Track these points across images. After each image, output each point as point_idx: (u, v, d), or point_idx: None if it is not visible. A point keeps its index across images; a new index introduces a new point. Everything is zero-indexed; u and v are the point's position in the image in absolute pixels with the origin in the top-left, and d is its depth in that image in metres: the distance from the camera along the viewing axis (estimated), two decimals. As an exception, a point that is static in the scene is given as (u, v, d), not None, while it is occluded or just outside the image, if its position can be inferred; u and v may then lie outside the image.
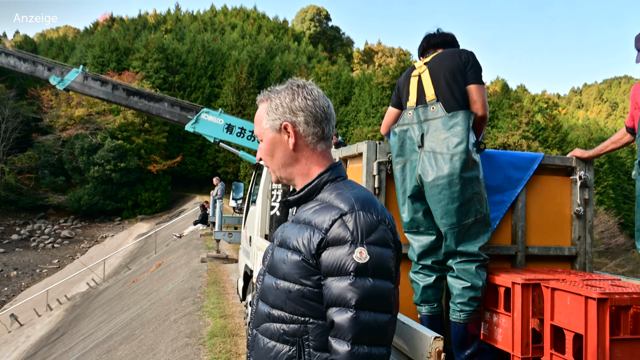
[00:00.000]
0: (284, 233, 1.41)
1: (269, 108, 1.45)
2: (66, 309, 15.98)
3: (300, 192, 1.43)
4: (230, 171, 35.63)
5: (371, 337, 1.22)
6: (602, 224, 27.28)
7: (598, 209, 29.71)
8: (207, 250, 13.26)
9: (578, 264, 2.98)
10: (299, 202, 1.44)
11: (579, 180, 2.97)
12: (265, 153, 1.47)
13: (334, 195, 1.35)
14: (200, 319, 6.77)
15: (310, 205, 1.38)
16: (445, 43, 2.81)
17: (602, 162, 39.97)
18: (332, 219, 1.27)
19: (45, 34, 57.97)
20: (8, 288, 21.79)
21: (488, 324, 2.59)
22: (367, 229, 1.26)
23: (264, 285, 1.39)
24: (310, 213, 1.35)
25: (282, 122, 1.42)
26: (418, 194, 2.61)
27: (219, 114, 14.85)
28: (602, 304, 1.99)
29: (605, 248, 26.68)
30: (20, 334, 15.28)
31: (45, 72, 15.73)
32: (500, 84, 52.58)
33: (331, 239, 1.26)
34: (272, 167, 1.47)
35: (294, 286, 1.28)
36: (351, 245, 1.24)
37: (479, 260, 2.50)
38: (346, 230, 1.25)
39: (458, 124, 2.48)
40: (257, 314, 1.40)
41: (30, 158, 32.46)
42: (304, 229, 1.32)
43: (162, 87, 36.51)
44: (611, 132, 49.20)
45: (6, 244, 27.56)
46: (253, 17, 59.05)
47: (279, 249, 1.38)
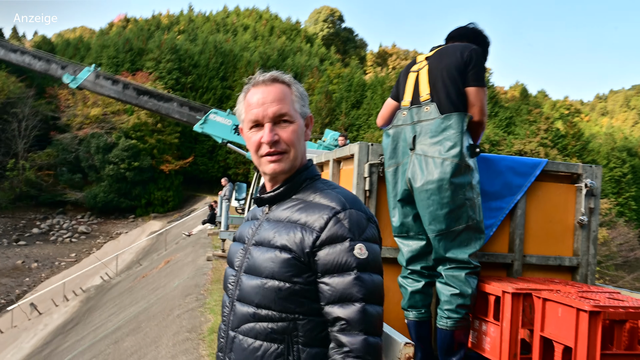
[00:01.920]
0: (261, 232, 1.36)
1: (297, 94, 1.39)
2: (81, 300, 16.32)
3: (278, 189, 1.37)
4: (241, 172, 35.55)
5: (376, 328, 1.25)
6: (621, 236, 25.60)
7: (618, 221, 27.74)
8: (214, 249, 13.36)
9: (579, 275, 2.82)
10: (274, 200, 1.39)
11: (585, 188, 2.79)
12: (297, 137, 1.36)
13: (319, 195, 1.33)
14: (202, 315, 6.88)
15: (290, 203, 1.35)
16: (462, 37, 2.59)
17: (625, 173, 37.87)
18: (326, 218, 1.26)
19: (63, 35, 58.61)
20: (29, 279, 22.51)
21: (477, 332, 2.49)
22: (361, 226, 1.28)
23: (243, 286, 1.33)
24: (294, 212, 1.31)
25: (308, 113, 1.42)
26: (408, 198, 2.47)
27: (227, 115, 14.91)
28: (594, 317, 1.89)
29: (623, 261, 25.39)
30: (39, 321, 15.75)
31: (59, 71, 15.96)
32: (520, 88, 50.52)
33: (327, 238, 1.24)
34: (297, 153, 1.36)
35: (284, 284, 1.26)
36: (350, 242, 1.24)
37: (469, 267, 2.38)
38: (343, 228, 1.25)
39: (451, 126, 2.33)
40: (235, 316, 1.34)
41: (49, 155, 32.96)
42: (292, 228, 1.29)
43: (175, 88, 36.61)
44: (637, 141, 46.52)
45: (27, 237, 28.50)
46: (265, 18, 58.71)
47: (259, 249, 1.33)
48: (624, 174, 37.61)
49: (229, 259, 1.49)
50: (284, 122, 1.33)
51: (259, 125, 1.34)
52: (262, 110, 1.33)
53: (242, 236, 1.45)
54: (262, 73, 1.39)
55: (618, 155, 39.00)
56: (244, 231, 1.46)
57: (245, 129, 1.40)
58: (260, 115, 1.33)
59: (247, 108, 1.37)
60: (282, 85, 1.36)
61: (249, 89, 1.39)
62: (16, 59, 17.47)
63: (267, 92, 1.34)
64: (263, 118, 1.33)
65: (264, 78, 1.37)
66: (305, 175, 1.39)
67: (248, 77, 1.42)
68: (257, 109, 1.33)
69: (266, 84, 1.36)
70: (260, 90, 1.35)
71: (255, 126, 1.35)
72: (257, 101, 1.34)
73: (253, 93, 1.37)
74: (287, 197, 1.37)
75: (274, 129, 1.32)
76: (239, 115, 1.42)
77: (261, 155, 1.35)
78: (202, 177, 37.57)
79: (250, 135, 1.37)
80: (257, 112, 1.33)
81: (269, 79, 1.36)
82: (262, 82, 1.36)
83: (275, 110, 1.32)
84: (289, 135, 1.33)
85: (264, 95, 1.34)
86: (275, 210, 1.38)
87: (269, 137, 1.31)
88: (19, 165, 32.04)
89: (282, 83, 1.37)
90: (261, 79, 1.37)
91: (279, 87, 1.36)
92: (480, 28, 2.64)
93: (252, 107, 1.35)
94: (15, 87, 33.58)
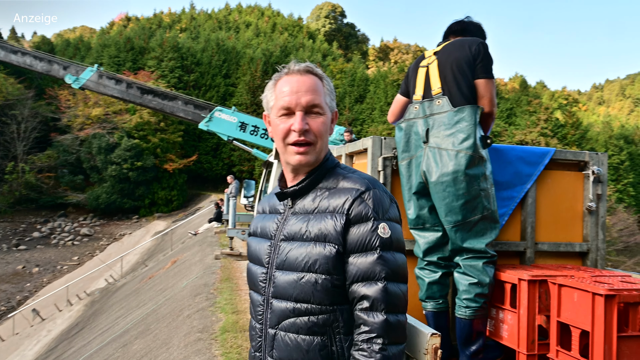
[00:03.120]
0: (289, 226, 1.38)
1: (328, 88, 1.43)
2: (85, 304, 16.28)
3: (302, 182, 1.40)
4: (246, 169, 35.80)
5: (398, 306, 1.29)
6: (621, 222, 27.11)
7: (618, 207, 29.38)
8: (221, 247, 13.32)
9: (590, 260, 2.92)
10: (298, 193, 1.41)
11: (592, 175, 2.90)
12: (326, 129, 1.40)
13: (342, 180, 1.37)
14: (213, 315, 6.82)
15: (315, 194, 1.38)
16: (465, 31, 2.69)
17: (623, 160, 39.61)
18: (351, 199, 1.30)
19: (62, 34, 58.90)
20: (30, 284, 22.29)
21: (494, 321, 2.57)
22: (384, 205, 1.32)
23: (279, 282, 1.35)
24: (321, 201, 1.35)
25: (335, 108, 1.45)
26: (423, 190, 2.56)
27: (233, 112, 14.92)
28: (609, 300, 1.96)
29: (624, 246, 26.50)
30: (42, 328, 15.67)
31: (61, 71, 16.00)
32: (519, 80, 52.17)
33: (353, 217, 1.29)
34: (319, 146, 1.39)
35: (321, 277, 1.28)
36: (374, 222, 1.28)
37: (486, 256, 2.47)
38: (367, 207, 1.29)
39: (464, 119, 2.41)
40: (273, 313, 1.36)
41: (49, 157, 33.12)
42: (322, 217, 1.32)
43: (177, 86, 36.81)
44: (633, 129, 48.75)
45: (28, 241, 28.25)
46: (268, 14, 59.20)
47: (290, 243, 1.35)
48: (621, 161, 39.17)
49: (252, 255, 1.50)
50: (315, 113, 1.37)
51: (290, 113, 1.37)
52: (296, 98, 1.36)
53: (264, 231, 1.46)
54: (297, 63, 1.42)
55: (615, 143, 40.77)
56: (266, 225, 1.47)
57: (273, 115, 1.42)
58: (293, 102, 1.36)
59: (279, 95, 1.39)
60: (315, 77, 1.40)
61: (280, 77, 1.42)
62: (17, 61, 17.50)
63: (301, 81, 1.38)
64: (296, 106, 1.36)
65: (299, 67, 1.40)
66: (328, 166, 1.42)
67: (281, 66, 1.45)
68: (290, 97, 1.36)
69: (301, 73, 1.39)
70: (295, 79, 1.38)
71: (285, 114, 1.38)
72: (291, 89, 1.37)
73: (286, 81, 1.40)
74: (312, 189, 1.40)
75: (305, 118, 1.36)
76: (267, 102, 1.46)
77: (288, 143, 1.38)
78: (207, 175, 37.77)
79: (278, 122, 1.39)
80: (289, 100, 1.36)
81: (304, 69, 1.40)
82: (297, 71, 1.40)
83: (308, 99, 1.36)
84: (319, 126, 1.37)
85: (298, 84, 1.37)
86: (301, 202, 1.40)
87: (300, 125, 1.34)
88: (18, 168, 32.13)
89: (316, 75, 1.41)
90: (296, 68, 1.40)
91: (313, 78, 1.39)
92: (478, 21, 2.74)
93: (285, 95, 1.37)
94: (14, 88, 33.67)
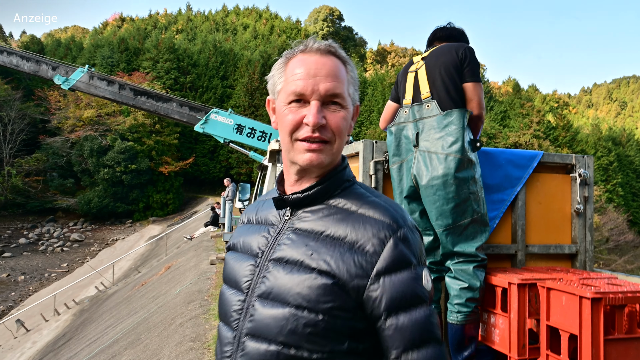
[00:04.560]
0: (284, 246, 1.11)
1: (353, 76, 1.18)
2: (74, 314, 16.19)
3: (309, 190, 1.13)
4: (243, 172, 35.98)
5: None
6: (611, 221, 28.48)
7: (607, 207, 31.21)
8: (217, 252, 13.35)
9: (579, 262, 3.03)
10: (301, 202, 1.15)
11: (579, 178, 3.02)
12: (345, 126, 1.14)
13: (363, 204, 1.11)
14: (206, 322, 6.82)
15: (324, 211, 1.12)
16: (450, 37, 2.81)
17: (612, 161, 42.08)
18: (383, 237, 1.04)
19: (53, 34, 59.04)
20: (15, 293, 21.84)
21: (486, 325, 2.63)
22: (420, 247, 1.09)
23: (259, 316, 1.08)
24: (334, 224, 1.09)
25: (357, 101, 1.21)
26: (414, 194, 2.64)
27: (229, 114, 14.98)
28: (596, 303, 2.02)
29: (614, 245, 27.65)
30: (27, 339, 15.47)
31: (50, 72, 15.99)
32: (512, 83, 54.87)
33: (389, 265, 1.03)
34: (337, 146, 1.13)
35: (322, 318, 1.03)
36: (415, 270, 1.04)
37: (477, 260, 2.53)
38: (405, 251, 1.04)
39: (453, 122, 2.50)
40: (247, 356, 1.08)
41: (37, 160, 32.98)
42: (335, 246, 1.06)
43: (173, 87, 36.99)
44: (620, 131, 51.93)
45: (14, 248, 27.69)
46: (265, 17, 59.62)
47: (283, 267, 1.09)
48: (610, 162, 41.94)
49: (228, 276, 1.22)
50: (335, 105, 1.12)
51: (303, 101, 1.11)
52: (312, 84, 1.10)
53: (248, 246, 1.20)
54: (316, 40, 1.16)
55: (604, 144, 43.51)
56: (251, 239, 1.20)
57: (280, 101, 1.16)
58: (308, 88, 1.10)
59: (290, 77, 1.13)
60: (338, 61, 1.14)
61: (294, 54, 1.16)
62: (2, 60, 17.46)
63: (321, 63, 1.12)
64: (312, 93, 1.10)
65: (319, 46, 1.14)
66: (345, 176, 1.16)
67: (296, 41, 1.19)
68: (304, 81, 1.10)
69: (321, 53, 1.13)
70: (313, 60, 1.12)
71: (296, 101, 1.12)
72: (308, 71, 1.11)
73: (301, 60, 1.13)
74: (319, 201, 1.14)
75: (322, 110, 1.10)
76: (273, 83, 1.20)
77: (297, 138, 1.11)
78: (204, 177, 37.94)
79: (286, 111, 1.13)
80: (304, 85, 1.10)
81: (325, 48, 1.14)
82: (317, 50, 1.13)
83: (328, 87, 1.10)
84: (338, 122, 1.11)
85: (317, 66, 1.11)
86: (303, 217, 1.13)
87: (315, 119, 1.08)
88: (4, 171, 31.78)
89: (339, 58, 1.15)
90: (315, 45, 1.14)
91: (336, 61, 1.14)
92: (461, 27, 2.86)
93: (298, 77, 1.11)
94: (1, 89, 33.53)
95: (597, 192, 32.08)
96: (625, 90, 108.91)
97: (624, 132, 51.39)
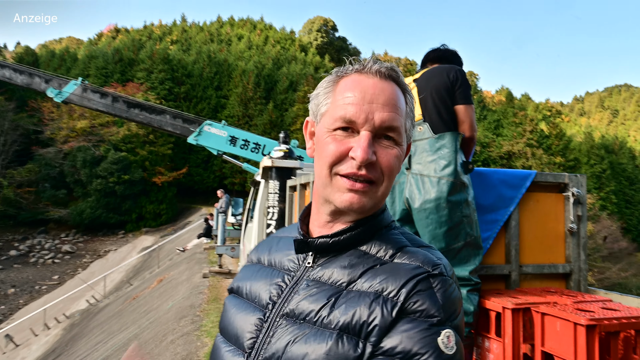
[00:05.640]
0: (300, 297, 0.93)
1: (411, 107, 1.00)
2: (64, 328, 15.98)
3: (344, 234, 0.96)
4: (237, 182, 35.96)
5: None
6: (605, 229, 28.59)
7: (601, 214, 31.61)
8: (210, 264, 13.27)
9: (573, 281, 3.02)
10: (330, 249, 0.96)
11: (572, 197, 3.02)
12: (397, 167, 0.97)
13: (399, 251, 0.93)
14: (198, 340, 6.73)
15: (351, 259, 0.94)
16: (441, 59, 2.82)
17: (605, 169, 42.69)
18: (413, 282, 0.86)
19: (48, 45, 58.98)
20: (5, 306, 21.57)
21: (480, 349, 2.60)
22: (455, 303, 0.88)
23: None
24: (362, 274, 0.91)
25: (411, 139, 1.04)
26: (407, 217, 2.63)
27: (223, 126, 14.96)
28: (591, 330, 2.00)
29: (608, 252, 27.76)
30: (16, 355, 15.24)
31: (43, 85, 15.91)
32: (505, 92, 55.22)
33: (410, 309, 0.84)
34: (383, 189, 0.95)
35: None
36: (437, 325, 0.83)
37: (470, 284, 2.51)
38: (432, 300, 0.85)
39: (445, 145, 2.50)
40: None
41: (30, 171, 32.76)
42: (362, 299, 0.87)
43: (168, 98, 36.99)
44: (613, 139, 52.82)
45: (4, 260, 27.39)
46: (260, 28, 59.98)
47: (297, 326, 0.90)
48: (603, 170, 42.40)
49: (226, 328, 1.02)
50: (388, 140, 0.94)
51: (351, 129, 0.94)
52: (367, 111, 0.93)
53: (256, 294, 1.00)
54: (376, 61, 0.98)
55: (597, 152, 44.05)
56: (260, 286, 1.00)
57: (322, 127, 0.98)
58: (361, 116, 0.93)
59: (340, 99, 0.96)
60: (399, 89, 0.97)
61: (347, 73, 0.99)
62: (-6, 74, 17.31)
63: (379, 88, 0.95)
64: (364, 122, 0.93)
65: (380, 68, 0.96)
66: (382, 222, 0.99)
67: (351, 58, 1.02)
68: (357, 106, 0.93)
69: (381, 76, 0.96)
70: (371, 83, 0.95)
71: (343, 128, 0.94)
72: (363, 96, 0.94)
73: (356, 82, 0.96)
74: (350, 248, 0.96)
75: (373, 144, 0.93)
76: (317, 104, 1.02)
77: (338, 173, 0.94)
78: (197, 188, 37.80)
79: (328, 139, 0.96)
80: (356, 111, 0.93)
81: (387, 72, 0.97)
82: (377, 72, 0.96)
83: (385, 117, 0.93)
84: (390, 161, 0.94)
85: (374, 90, 0.94)
86: (328, 264, 0.95)
87: (365, 153, 0.91)
88: (-5, 183, 31.51)
89: (400, 86, 0.98)
90: (376, 67, 0.96)
91: (396, 89, 0.97)
92: (454, 49, 2.86)
93: (350, 102, 0.94)
94: (-6, 101, 33.45)
95: (590, 200, 32.35)
96: (617, 99, 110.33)
97: (616, 140, 52.19)
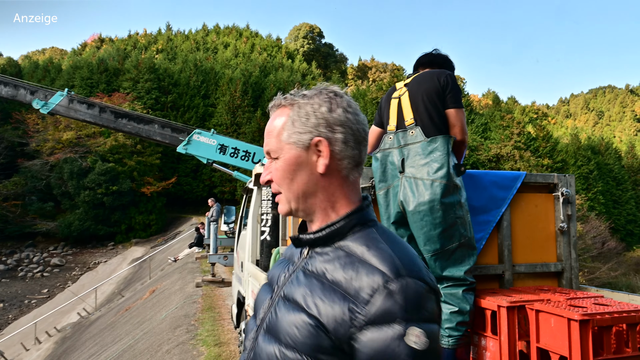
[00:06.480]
0: (293, 283, 1.12)
1: (296, 116, 1.15)
2: (56, 342, 15.81)
3: (320, 232, 1.13)
4: (227, 191, 35.79)
5: None
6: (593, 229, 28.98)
7: (590, 215, 31.82)
8: (203, 274, 13.23)
9: (565, 279, 3.09)
10: (314, 243, 1.15)
11: (562, 197, 3.09)
12: (284, 175, 1.15)
13: (367, 249, 1.06)
14: (194, 349, 6.73)
15: (332, 254, 1.10)
16: (432, 63, 2.88)
17: (592, 170, 43.29)
18: (372, 288, 0.99)
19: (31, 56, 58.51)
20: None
21: (477, 348, 2.65)
22: (419, 301, 0.99)
23: (259, 350, 1.11)
24: (335, 267, 1.07)
25: (314, 137, 1.14)
26: (401, 220, 2.68)
27: (212, 135, 14.93)
28: (584, 325, 2.07)
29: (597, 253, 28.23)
30: (7, 370, 15.10)
31: (28, 96, 15.74)
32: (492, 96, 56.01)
33: (373, 316, 0.97)
34: (288, 194, 1.16)
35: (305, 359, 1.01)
36: (404, 325, 0.96)
37: (466, 284, 2.57)
38: (395, 304, 0.97)
39: (437, 149, 2.56)
40: None
41: (16, 184, 32.33)
42: (329, 291, 1.04)
43: (155, 107, 36.81)
44: (599, 140, 53.66)
45: (-9, 275, 27.02)
46: (246, 35, 60.02)
47: (285, 304, 1.10)
48: (590, 171, 42.97)
49: (255, 305, 1.27)
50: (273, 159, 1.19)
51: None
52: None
53: (273, 280, 1.24)
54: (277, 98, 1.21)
55: (584, 153, 44.72)
56: (277, 273, 1.24)
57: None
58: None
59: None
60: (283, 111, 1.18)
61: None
62: (-23, 85, 17.12)
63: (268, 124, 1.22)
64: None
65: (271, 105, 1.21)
66: (356, 220, 1.13)
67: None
68: None
69: (272, 111, 1.21)
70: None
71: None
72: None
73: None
74: (330, 243, 1.13)
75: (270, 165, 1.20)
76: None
77: None
78: (187, 197, 37.57)
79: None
80: None
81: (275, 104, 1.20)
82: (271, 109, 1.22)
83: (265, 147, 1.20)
84: (277, 175, 1.18)
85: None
86: (314, 258, 1.14)
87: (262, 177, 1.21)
88: (-20, 197, 31.00)
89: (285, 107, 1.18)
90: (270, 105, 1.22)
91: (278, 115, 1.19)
92: (446, 54, 2.94)
93: None
94: (-23, 113, 33.06)
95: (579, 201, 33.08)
96: (601, 100, 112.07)
97: (602, 141, 52.91)
